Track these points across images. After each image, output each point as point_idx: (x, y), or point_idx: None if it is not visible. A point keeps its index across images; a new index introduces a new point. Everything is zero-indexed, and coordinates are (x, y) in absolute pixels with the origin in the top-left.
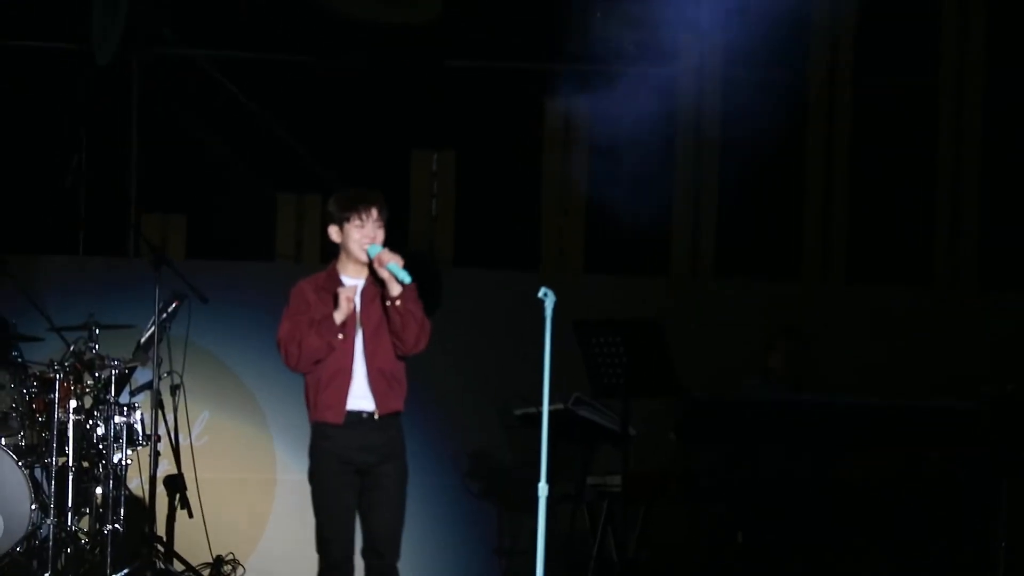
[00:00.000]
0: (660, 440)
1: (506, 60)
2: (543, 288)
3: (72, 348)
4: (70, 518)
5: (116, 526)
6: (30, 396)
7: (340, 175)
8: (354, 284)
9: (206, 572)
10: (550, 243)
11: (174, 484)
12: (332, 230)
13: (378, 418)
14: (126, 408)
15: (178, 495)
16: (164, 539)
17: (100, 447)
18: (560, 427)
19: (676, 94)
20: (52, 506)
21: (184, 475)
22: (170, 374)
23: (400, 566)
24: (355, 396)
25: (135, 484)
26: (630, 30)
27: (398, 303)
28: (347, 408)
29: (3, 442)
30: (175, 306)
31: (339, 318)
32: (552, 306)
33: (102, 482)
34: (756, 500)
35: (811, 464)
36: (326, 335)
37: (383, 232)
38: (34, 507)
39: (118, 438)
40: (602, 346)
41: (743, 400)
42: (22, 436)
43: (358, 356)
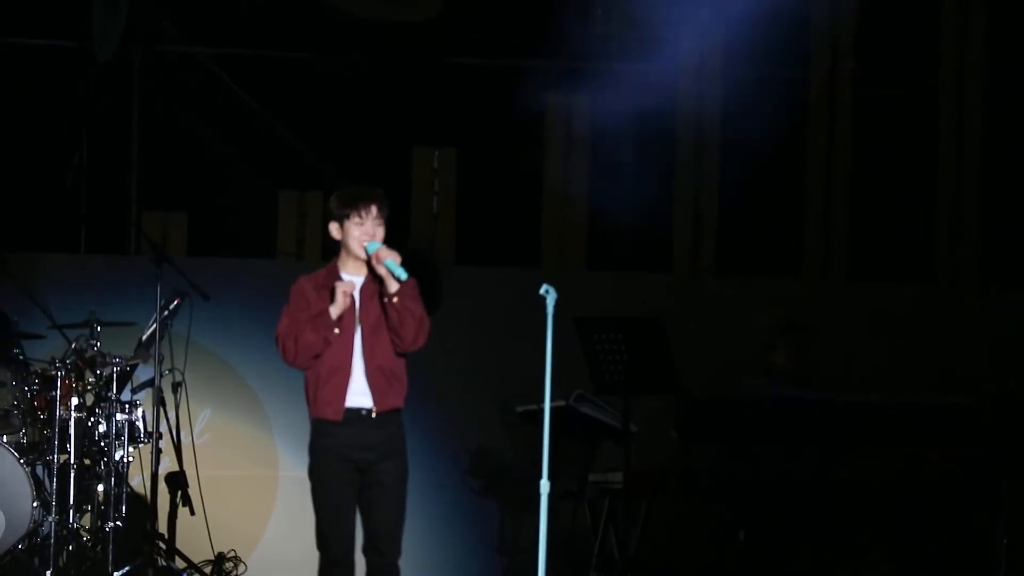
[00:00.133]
0: (662, 437)
1: (507, 57)
2: (544, 285)
3: (74, 345)
4: (72, 515)
5: (118, 523)
6: (32, 393)
7: (341, 172)
8: (353, 280)
9: (208, 569)
10: (551, 240)
11: (176, 481)
12: (332, 227)
13: (376, 415)
14: (128, 405)
15: (180, 492)
16: (166, 536)
17: (102, 444)
18: (562, 424)
19: (677, 92)
20: (54, 503)
21: (186, 472)
22: (171, 371)
23: (401, 563)
24: (354, 393)
25: (136, 481)
26: (631, 28)
27: (395, 300)
28: (346, 405)
29: (5, 439)
30: (176, 303)
31: (335, 312)
32: (553, 303)
33: (104, 479)
34: (757, 499)
35: (812, 463)
36: (322, 330)
37: (383, 229)
38: (36, 504)
39: (120, 435)
40: (603, 343)
41: (744, 398)
42: (24, 433)
43: (357, 353)
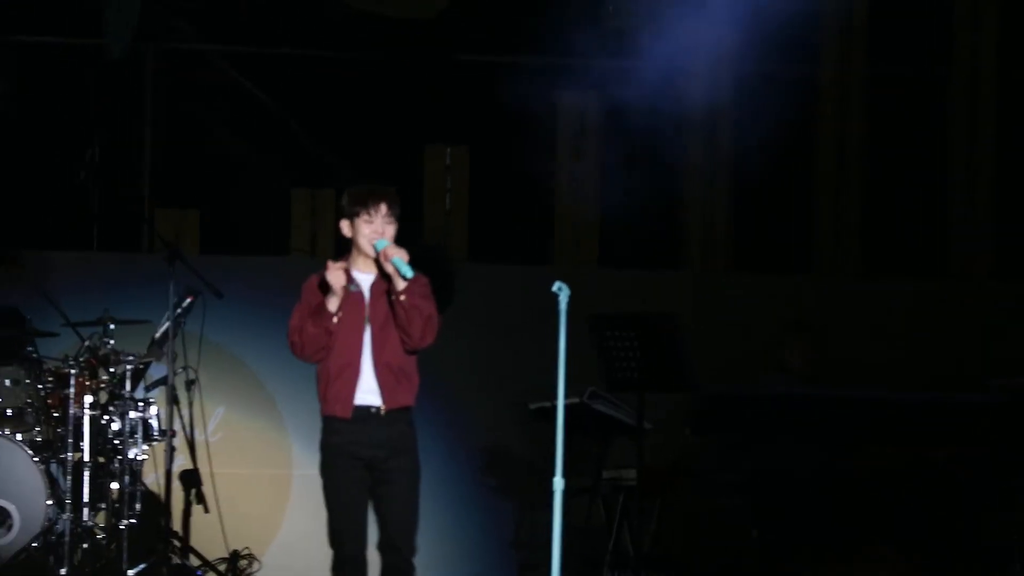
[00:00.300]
0: (675, 434)
1: (518, 55)
2: (557, 282)
3: (87, 343)
4: (86, 513)
5: (132, 521)
6: (45, 391)
7: (354, 170)
8: (364, 279)
9: (222, 567)
10: (564, 237)
11: (190, 479)
12: (344, 225)
13: (385, 413)
14: (141, 403)
15: (194, 490)
16: (180, 534)
17: (116, 442)
18: (575, 421)
19: (687, 89)
20: (68, 501)
21: (200, 470)
22: (185, 369)
23: (416, 560)
24: (363, 391)
25: (151, 479)
26: (641, 25)
27: (403, 298)
28: (355, 403)
29: (19, 437)
30: (189, 301)
31: (332, 304)
32: (567, 300)
33: (118, 477)
34: (770, 495)
35: (825, 459)
36: (321, 322)
37: (394, 227)
38: (50, 502)
39: (133, 433)
40: (616, 340)
41: (757, 394)
42: (38, 431)
43: (366, 351)
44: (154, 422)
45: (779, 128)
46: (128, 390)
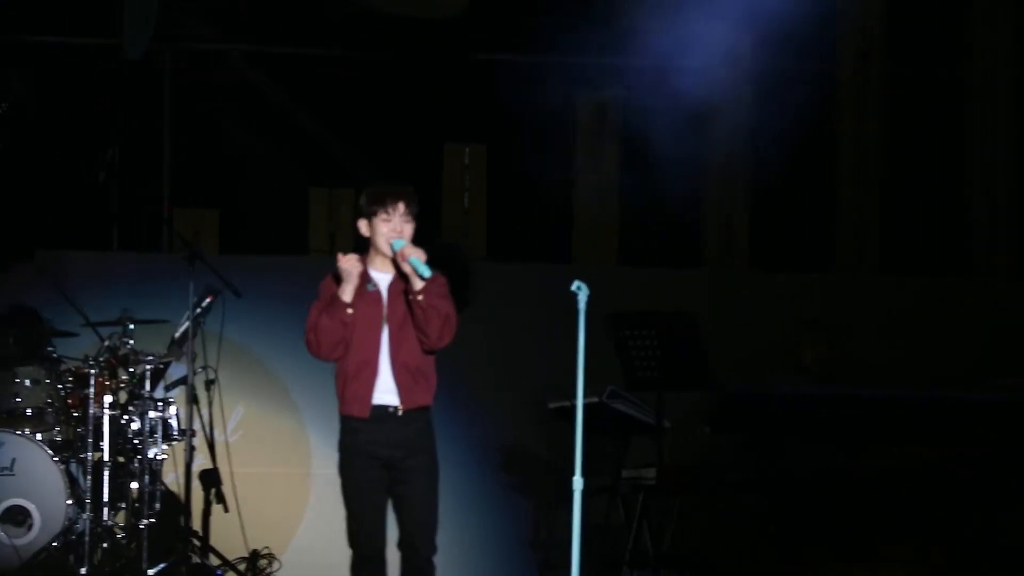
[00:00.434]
0: (694, 433)
1: (537, 53)
2: (576, 281)
3: (107, 343)
4: (106, 513)
5: (152, 521)
6: (65, 391)
7: (372, 169)
8: (382, 278)
9: (242, 566)
10: (583, 236)
11: (209, 479)
12: (361, 224)
13: (403, 413)
14: (161, 403)
15: (213, 490)
16: (200, 533)
17: (135, 442)
18: (594, 420)
19: (707, 87)
20: (88, 501)
21: (219, 469)
22: (204, 369)
23: (436, 559)
24: (380, 390)
25: (170, 479)
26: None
27: (420, 298)
28: (373, 402)
29: (39, 437)
30: (209, 301)
31: (347, 292)
32: (585, 299)
33: (138, 477)
34: (789, 493)
35: (842, 457)
36: (336, 313)
37: (411, 226)
38: (70, 502)
39: (153, 433)
40: (636, 339)
41: (777, 392)
42: (58, 431)
43: (384, 350)
44: (174, 422)
45: (797, 127)
46: (148, 390)
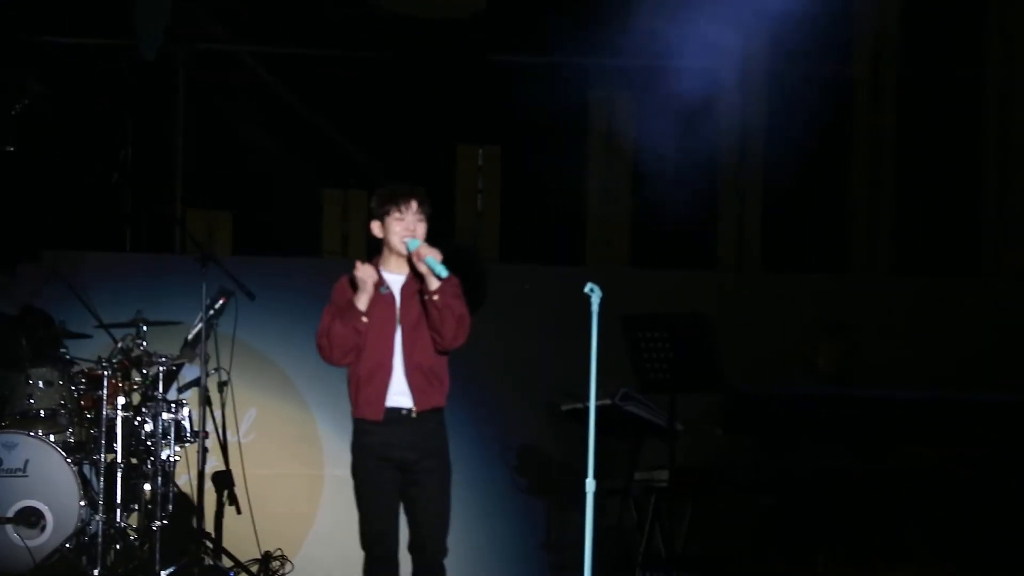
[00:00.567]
0: (706, 435)
1: (550, 55)
2: (589, 283)
3: (120, 345)
4: (119, 514)
5: (164, 522)
6: (78, 393)
7: (385, 171)
8: (395, 279)
9: (254, 568)
10: (596, 238)
11: (222, 480)
12: (374, 225)
13: (416, 415)
14: (174, 405)
15: (226, 491)
16: (212, 535)
17: (148, 444)
18: (607, 422)
19: (720, 88)
20: (101, 502)
21: (232, 471)
22: (217, 370)
23: (447, 560)
24: (394, 393)
25: (183, 480)
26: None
27: (436, 297)
28: (386, 405)
29: (52, 439)
30: (222, 302)
31: (362, 301)
32: (598, 301)
33: (150, 478)
34: (801, 494)
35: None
36: (350, 320)
37: (424, 226)
38: (83, 503)
39: (166, 435)
40: (648, 341)
41: (789, 393)
42: (71, 433)
43: (397, 352)
44: (187, 423)
45: (810, 128)
46: (161, 391)
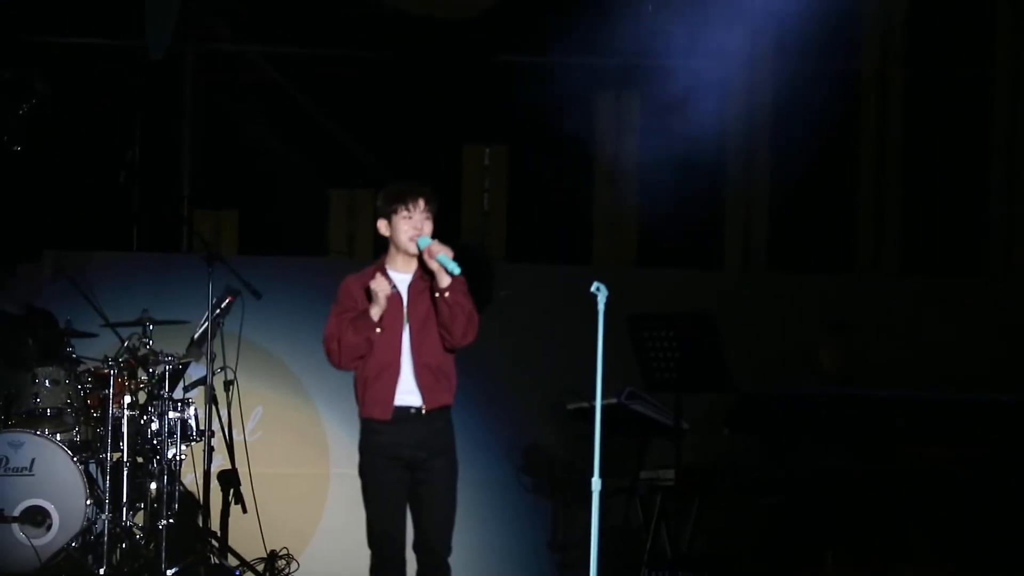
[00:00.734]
0: (712, 434)
1: (557, 54)
2: (595, 283)
3: (126, 344)
4: (125, 513)
5: (170, 521)
6: (84, 392)
7: (392, 170)
8: (402, 278)
9: (260, 567)
10: (602, 237)
11: (228, 479)
12: (381, 224)
13: (425, 413)
14: (180, 404)
15: (232, 490)
16: (218, 534)
17: (154, 442)
18: (613, 421)
19: (727, 87)
20: (107, 501)
21: (238, 470)
22: (223, 369)
23: (452, 560)
24: (402, 392)
25: (189, 479)
26: (681, 23)
27: (447, 295)
28: (395, 404)
29: (58, 438)
30: (228, 301)
31: (375, 313)
32: (604, 300)
33: (156, 477)
34: (806, 493)
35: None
36: (364, 331)
37: (431, 224)
38: (89, 502)
39: (172, 433)
40: (654, 340)
41: (795, 393)
42: (77, 432)
43: (405, 351)
44: (192, 422)
45: (819, 127)
46: (167, 390)
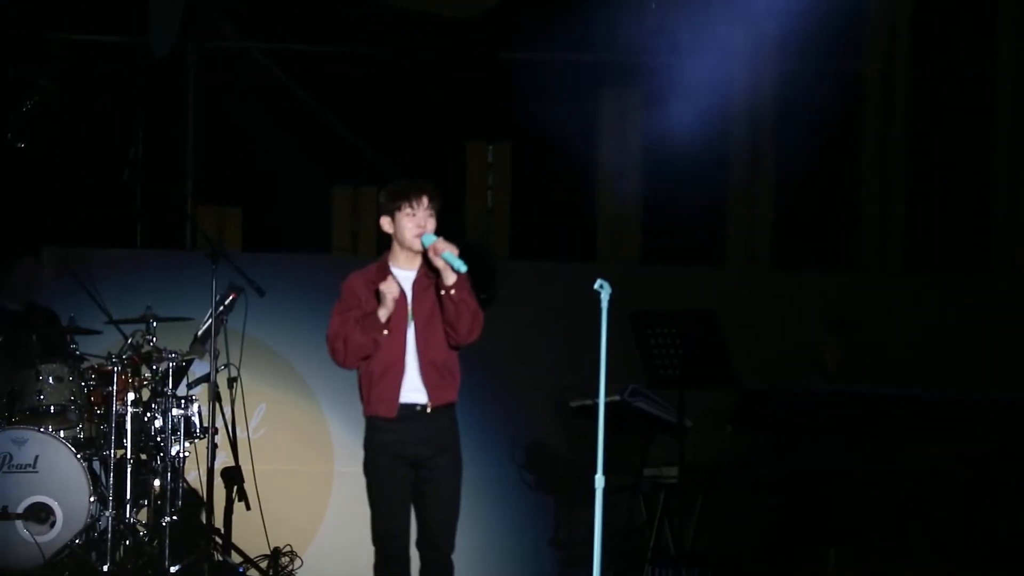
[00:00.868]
0: (716, 431)
1: (562, 51)
2: (599, 280)
3: (130, 341)
4: (128, 510)
5: (174, 518)
6: (88, 389)
7: (395, 167)
8: (406, 276)
9: (264, 564)
10: (606, 234)
11: (232, 476)
12: (384, 221)
13: (431, 410)
14: (183, 401)
15: (236, 487)
16: (222, 531)
17: (158, 439)
18: (616, 419)
19: (731, 85)
20: (110, 498)
21: (242, 467)
22: (227, 367)
23: (456, 557)
24: (408, 389)
25: (193, 476)
26: (684, 21)
27: (452, 292)
28: (400, 401)
29: (62, 435)
30: (232, 299)
31: (383, 315)
32: (608, 298)
33: (160, 474)
34: (810, 491)
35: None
36: (371, 331)
37: (434, 221)
38: (92, 499)
39: (176, 430)
40: (658, 337)
41: (799, 391)
42: (80, 429)
43: (410, 349)
44: (196, 419)
45: (823, 124)
46: (170, 387)
